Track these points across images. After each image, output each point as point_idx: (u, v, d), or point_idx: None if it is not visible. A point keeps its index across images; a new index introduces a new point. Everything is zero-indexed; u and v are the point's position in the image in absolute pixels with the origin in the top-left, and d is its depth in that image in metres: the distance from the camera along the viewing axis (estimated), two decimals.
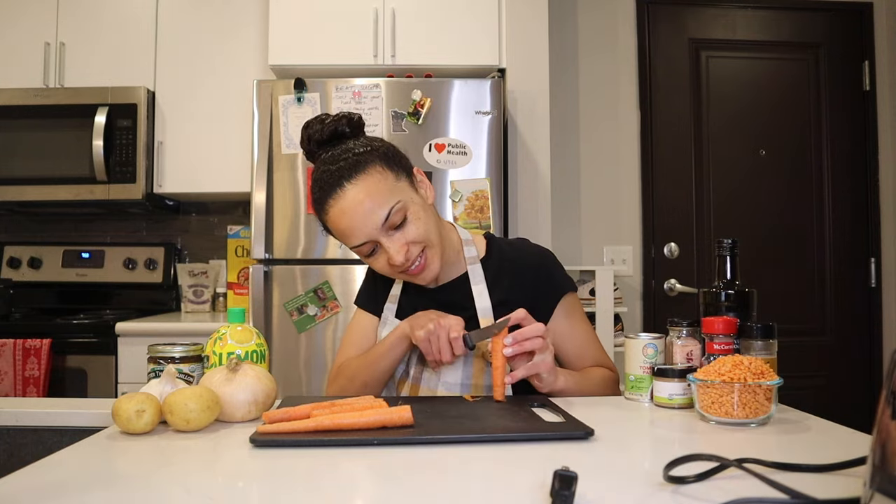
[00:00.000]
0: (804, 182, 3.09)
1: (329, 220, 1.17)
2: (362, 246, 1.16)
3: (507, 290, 1.27)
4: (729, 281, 1.17)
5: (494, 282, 1.28)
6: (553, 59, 2.72)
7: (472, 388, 1.23)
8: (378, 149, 1.19)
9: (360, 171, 1.14)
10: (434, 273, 1.20)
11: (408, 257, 1.16)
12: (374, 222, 1.13)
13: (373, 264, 1.20)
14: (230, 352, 1.09)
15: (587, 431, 0.89)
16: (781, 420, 1.02)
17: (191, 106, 2.76)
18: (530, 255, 1.33)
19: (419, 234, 1.16)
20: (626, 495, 0.69)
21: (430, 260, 1.19)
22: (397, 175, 1.18)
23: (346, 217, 1.14)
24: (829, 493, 0.65)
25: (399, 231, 1.15)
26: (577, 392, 1.19)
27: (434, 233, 1.19)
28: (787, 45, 3.12)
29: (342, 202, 1.13)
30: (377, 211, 1.13)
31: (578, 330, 1.31)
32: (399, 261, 1.14)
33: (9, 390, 2.33)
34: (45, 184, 2.68)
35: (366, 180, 1.14)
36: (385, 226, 1.14)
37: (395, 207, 1.14)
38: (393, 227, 1.15)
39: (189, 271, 2.95)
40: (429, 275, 1.20)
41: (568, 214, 3.02)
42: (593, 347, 1.32)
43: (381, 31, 2.56)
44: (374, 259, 1.18)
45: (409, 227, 1.16)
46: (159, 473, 0.77)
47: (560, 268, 1.34)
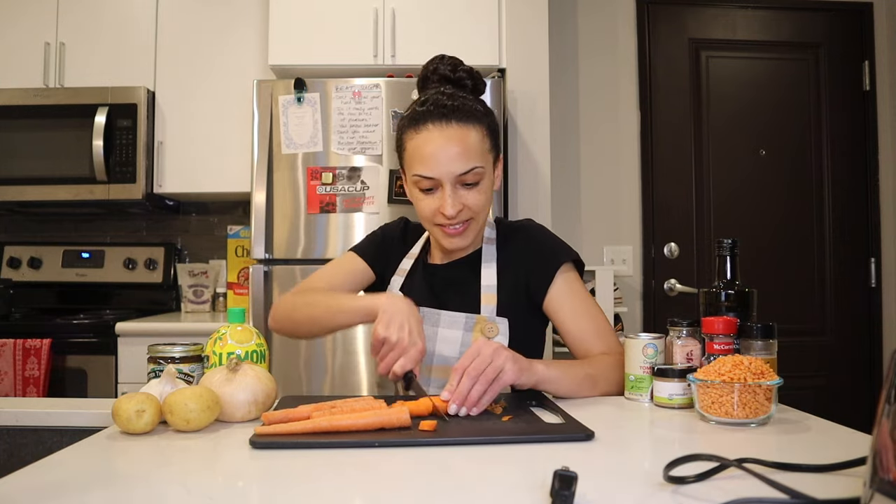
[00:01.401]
0: (804, 182, 3.09)
1: (416, 138, 1.22)
2: (428, 180, 1.21)
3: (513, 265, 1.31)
4: (729, 281, 1.17)
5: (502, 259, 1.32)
6: (553, 60, 2.72)
7: None
8: (490, 117, 1.28)
9: (470, 121, 1.22)
10: (466, 244, 1.27)
11: (457, 215, 1.21)
12: (454, 168, 1.19)
13: (421, 203, 1.25)
14: (230, 352, 1.09)
15: (587, 434, 0.89)
16: (781, 420, 1.02)
17: (191, 106, 2.76)
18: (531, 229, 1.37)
19: (477, 205, 1.23)
20: (626, 495, 0.69)
21: (469, 231, 1.26)
22: (491, 148, 1.26)
23: (434, 147, 1.20)
24: (829, 493, 0.65)
25: (465, 190, 1.22)
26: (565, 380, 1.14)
27: (484, 213, 1.27)
28: (787, 45, 3.12)
29: (440, 133, 1.20)
30: (463, 161, 1.20)
31: (578, 302, 1.28)
32: (450, 213, 1.20)
33: (9, 390, 2.33)
34: (45, 184, 2.68)
35: (470, 131, 1.21)
36: (459, 177, 1.20)
37: (477, 169, 1.21)
38: (463, 184, 1.21)
39: (189, 271, 2.95)
40: (461, 242, 1.26)
41: (568, 214, 3.02)
42: (593, 324, 1.28)
43: (381, 31, 2.56)
44: (427, 198, 1.23)
45: (474, 194, 1.22)
46: (159, 473, 0.77)
47: (559, 239, 1.35)
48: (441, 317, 1.28)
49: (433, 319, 1.28)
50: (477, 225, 1.27)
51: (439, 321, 1.28)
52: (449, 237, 1.25)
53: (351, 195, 2.35)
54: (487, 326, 1.26)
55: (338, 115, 2.36)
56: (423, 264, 1.37)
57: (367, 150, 2.36)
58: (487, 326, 1.26)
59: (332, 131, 2.36)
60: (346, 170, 2.36)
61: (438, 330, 1.27)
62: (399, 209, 2.34)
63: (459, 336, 1.25)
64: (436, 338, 1.26)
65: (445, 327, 1.27)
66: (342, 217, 2.35)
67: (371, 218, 2.35)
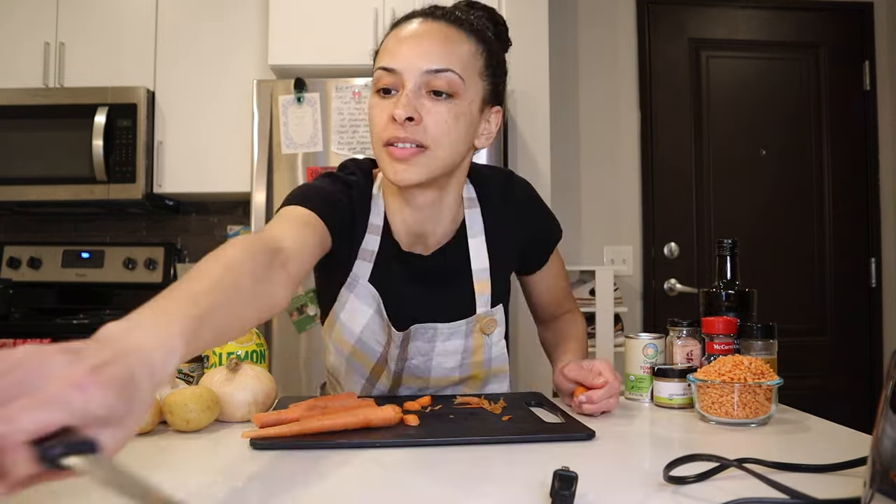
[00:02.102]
0: (804, 182, 3.09)
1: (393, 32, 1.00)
2: (388, 73, 0.96)
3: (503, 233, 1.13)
4: (729, 281, 1.17)
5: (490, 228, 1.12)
6: (553, 59, 2.72)
7: (470, 368, 1.14)
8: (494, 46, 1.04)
9: (462, 29, 1.00)
10: (412, 177, 0.97)
11: (407, 126, 0.95)
12: (422, 62, 0.95)
13: (374, 110, 0.99)
14: (230, 352, 1.09)
15: (588, 433, 0.89)
16: (781, 420, 1.02)
17: (191, 106, 2.76)
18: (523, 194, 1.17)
19: (437, 126, 0.96)
20: (626, 495, 0.69)
21: (419, 161, 0.96)
22: (482, 77, 1.01)
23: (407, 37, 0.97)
24: (829, 493, 0.65)
25: (430, 100, 0.96)
26: None
27: (447, 150, 0.98)
28: (787, 45, 3.12)
29: (420, 26, 0.98)
30: (436, 57, 0.95)
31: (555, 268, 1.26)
32: (401, 115, 0.93)
33: None
34: (45, 184, 2.68)
35: (457, 38, 0.98)
36: (425, 75, 0.95)
37: (451, 73, 0.96)
38: (428, 91, 0.96)
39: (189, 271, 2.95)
40: (406, 173, 0.96)
41: (568, 214, 3.02)
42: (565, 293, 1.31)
43: (382, 31, 2.55)
44: (382, 102, 0.98)
45: (440, 111, 0.96)
46: (159, 473, 0.77)
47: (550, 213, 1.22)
48: (437, 331, 1.10)
49: (428, 335, 1.10)
50: (433, 159, 0.97)
51: (436, 336, 1.11)
52: (393, 161, 0.96)
53: None
54: (486, 322, 1.12)
55: (338, 115, 2.37)
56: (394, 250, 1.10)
57: (367, 150, 2.36)
58: (486, 322, 1.12)
59: (332, 131, 2.36)
60: None
61: (436, 345, 1.11)
62: None
63: (461, 345, 1.12)
64: (432, 352, 1.11)
65: (443, 341, 1.11)
66: None
67: None
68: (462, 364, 1.14)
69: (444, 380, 1.16)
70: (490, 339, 1.14)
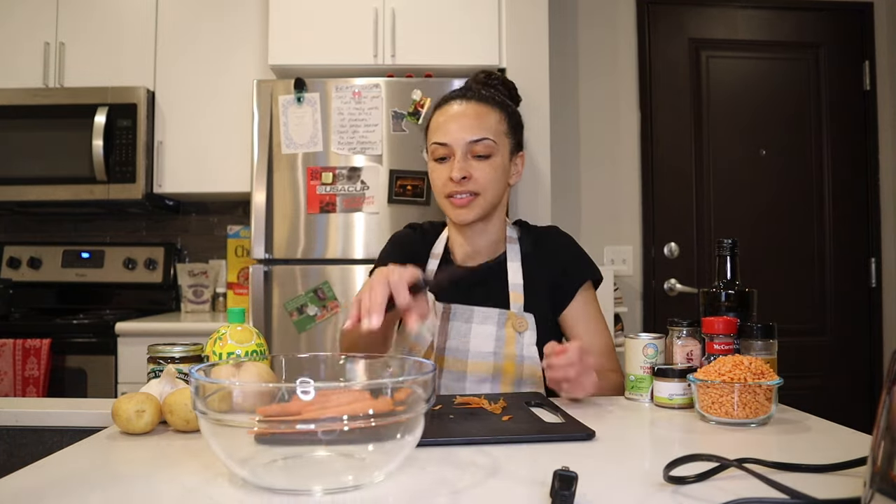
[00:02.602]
0: (804, 182, 3.09)
1: (439, 112, 1.34)
2: (442, 147, 1.30)
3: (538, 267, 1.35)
4: (729, 281, 1.17)
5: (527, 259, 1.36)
6: (553, 59, 2.72)
7: (503, 358, 1.27)
8: (512, 110, 1.37)
9: (489, 104, 1.32)
10: (471, 217, 1.30)
11: (464, 183, 1.27)
12: (465, 135, 1.28)
13: (434, 173, 1.32)
14: (230, 352, 1.09)
15: (588, 433, 0.89)
16: (781, 420, 1.02)
17: (191, 106, 2.76)
18: (559, 236, 1.43)
19: (483, 177, 1.29)
20: (626, 495, 0.69)
21: (475, 206, 1.30)
22: (508, 136, 1.34)
23: (451, 116, 1.31)
24: (829, 493, 0.65)
25: (475, 161, 1.29)
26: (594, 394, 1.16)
27: (492, 194, 1.31)
28: (787, 45, 3.12)
29: (460, 107, 1.31)
30: (475, 130, 1.29)
31: (593, 321, 1.36)
32: (457, 176, 1.26)
33: (9, 390, 2.33)
34: (45, 184, 2.68)
35: (487, 110, 1.32)
36: (469, 145, 1.28)
37: (488, 140, 1.29)
38: (473, 155, 1.29)
39: (189, 271, 2.95)
40: (466, 215, 1.30)
41: (568, 214, 3.02)
42: (602, 343, 1.35)
43: (381, 30, 2.56)
44: (440, 167, 1.31)
45: (483, 168, 1.29)
46: (159, 473, 0.77)
47: (584, 252, 1.43)
48: (474, 312, 1.31)
49: (466, 315, 1.31)
50: (484, 202, 1.30)
51: (472, 317, 1.31)
52: (455, 208, 1.29)
53: (351, 195, 2.35)
54: (518, 321, 1.29)
55: (338, 115, 2.36)
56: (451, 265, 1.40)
57: (367, 150, 2.36)
58: (518, 321, 1.29)
59: (332, 131, 2.36)
60: (345, 170, 2.36)
61: (472, 326, 1.30)
62: (399, 209, 2.34)
63: (493, 331, 1.29)
64: (469, 333, 1.30)
65: (478, 323, 1.30)
66: (342, 217, 2.35)
67: (371, 218, 2.35)
68: (496, 352, 1.28)
69: (481, 364, 1.27)
70: (521, 338, 1.28)
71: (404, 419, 0.70)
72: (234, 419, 0.69)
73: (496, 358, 1.28)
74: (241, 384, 0.78)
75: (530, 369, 1.28)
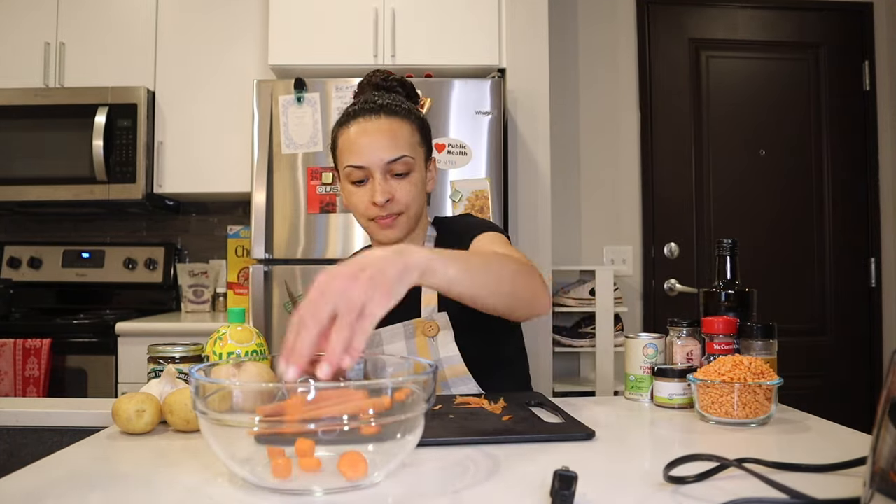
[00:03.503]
0: (804, 182, 3.09)
1: (348, 132, 1.25)
2: (359, 169, 1.23)
3: None
4: (729, 281, 1.17)
5: None
6: (553, 59, 2.72)
7: None
8: (419, 115, 1.31)
9: (398, 115, 1.25)
10: (398, 236, 1.26)
11: (387, 206, 1.23)
12: (383, 155, 1.22)
13: (353, 197, 1.26)
14: (230, 352, 1.09)
15: (588, 433, 0.89)
16: (781, 420, 1.02)
17: (191, 106, 2.76)
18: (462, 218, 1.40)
19: (406, 196, 1.24)
20: (626, 495, 0.69)
21: (400, 223, 1.26)
22: (420, 144, 1.28)
23: (366, 137, 1.23)
24: (829, 493, 0.65)
25: (395, 180, 1.24)
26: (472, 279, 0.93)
27: (414, 209, 1.27)
28: (787, 45, 3.12)
29: (371, 124, 1.24)
30: (392, 149, 1.22)
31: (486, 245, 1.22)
32: (379, 200, 1.21)
33: (9, 390, 2.33)
34: (45, 184, 2.68)
35: (399, 124, 1.25)
36: (388, 165, 1.23)
37: (405, 158, 1.23)
38: (392, 174, 1.23)
39: (189, 271, 2.95)
40: (393, 234, 1.26)
41: (568, 214, 3.02)
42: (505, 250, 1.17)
43: (381, 31, 2.56)
44: (359, 190, 1.25)
45: (404, 185, 1.24)
46: (159, 473, 0.77)
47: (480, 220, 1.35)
48: (381, 335, 1.25)
49: (375, 341, 1.26)
50: (407, 219, 1.26)
51: (381, 341, 1.26)
52: (381, 230, 1.26)
53: None
54: (427, 326, 1.24)
55: (338, 115, 2.36)
56: None
57: None
58: (427, 326, 1.24)
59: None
60: None
61: (383, 348, 1.25)
62: None
63: (404, 346, 1.24)
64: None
65: (387, 343, 1.25)
66: (342, 217, 2.35)
67: None
68: None
69: None
70: (435, 342, 1.24)
71: (404, 419, 0.70)
72: (234, 419, 0.69)
73: None
74: (241, 384, 0.78)
75: (452, 370, 1.23)
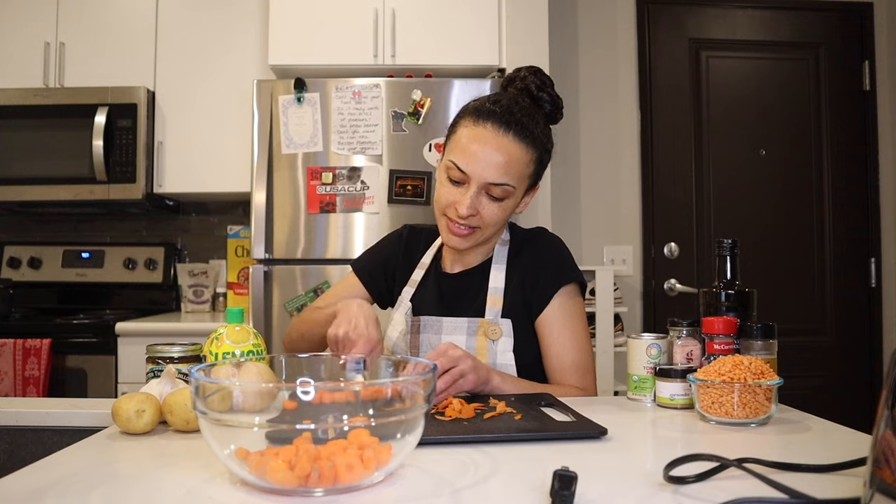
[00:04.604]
0: (804, 182, 3.09)
1: (470, 128, 1.22)
2: (459, 172, 1.21)
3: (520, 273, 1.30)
4: (729, 281, 1.17)
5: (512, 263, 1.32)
6: (553, 60, 2.72)
7: None
8: (545, 148, 1.27)
9: (524, 140, 1.21)
10: (465, 246, 1.26)
11: (468, 219, 1.22)
12: (488, 174, 1.20)
13: (442, 188, 1.25)
14: (226, 352, 1.09)
15: (600, 430, 0.89)
16: (781, 420, 1.02)
17: (191, 106, 2.76)
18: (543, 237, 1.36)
19: (490, 218, 1.23)
20: (627, 495, 0.69)
21: (472, 238, 1.25)
22: (530, 175, 1.26)
23: (480, 145, 1.20)
24: (829, 493, 0.65)
25: (487, 199, 1.22)
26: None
27: (493, 228, 1.26)
28: (787, 45, 3.12)
29: (493, 135, 1.20)
30: (500, 173, 1.20)
31: (568, 328, 1.27)
32: (463, 213, 1.20)
33: (9, 390, 2.33)
34: (45, 184, 2.68)
35: (520, 151, 1.21)
36: (488, 185, 1.20)
37: (508, 186, 1.21)
38: (488, 193, 1.21)
39: (189, 271, 2.95)
40: (460, 244, 1.25)
41: (568, 214, 3.02)
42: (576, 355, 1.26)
43: (381, 31, 2.56)
44: (450, 187, 1.23)
45: (493, 207, 1.22)
46: (159, 473, 0.77)
47: (568, 257, 1.33)
48: (443, 324, 1.28)
49: (435, 327, 1.28)
50: (482, 236, 1.26)
51: (441, 328, 1.28)
52: (450, 234, 1.25)
53: (351, 195, 2.35)
54: (490, 329, 1.25)
55: (338, 114, 2.36)
56: (435, 272, 1.36)
57: (367, 150, 2.36)
58: (490, 329, 1.25)
59: (332, 131, 2.36)
60: (345, 170, 2.36)
61: (441, 337, 1.27)
62: (398, 209, 2.34)
63: (463, 341, 1.25)
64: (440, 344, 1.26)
65: (448, 334, 1.27)
66: (342, 217, 2.35)
67: (371, 218, 2.35)
68: None
69: None
70: (495, 346, 1.24)
71: (404, 419, 0.70)
72: (234, 419, 0.69)
73: None
74: (241, 384, 0.78)
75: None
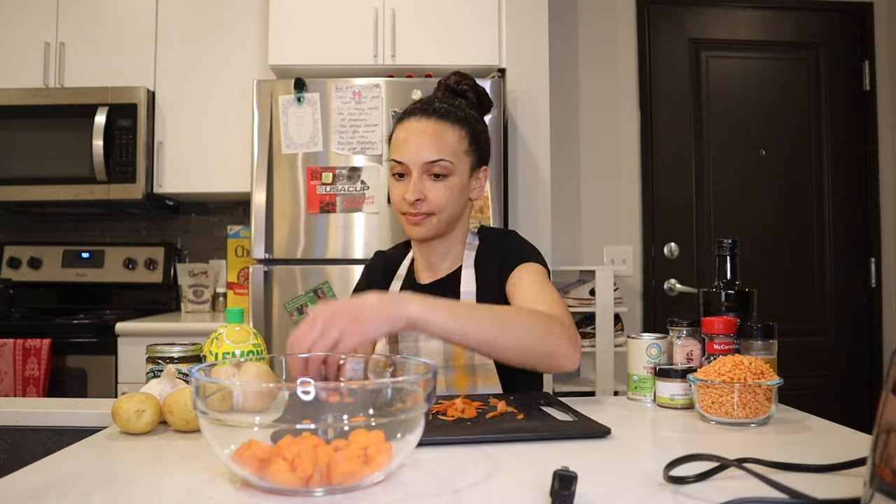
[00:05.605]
0: (804, 182, 3.09)
1: (398, 129, 1.31)
2: (399, 164, 1.27)
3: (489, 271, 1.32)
4: (729, 281, 1.17)
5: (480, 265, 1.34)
6: (553, 60, 2.72)
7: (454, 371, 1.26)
8: (475, 126, 1.32)
9: (449, 120, 1.28)
10: (424, 234, 1.29)
11: (417, 205, 1.26)
12: (421, 154, 1.25)
13: (392, 189, 1.31)
14: (226, 352, 1.09)
15: (604, 430, 0.89)
16: (781, 420, 1.02)
17: (191, 106, 2.76)
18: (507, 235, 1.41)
19: (438, 199, 1.26)
20: (627, 495, 0.69)
21: (428, 223, 1.28)
22: (468, 153, 1.30)
23: (410, 134, 1.28)
24: (829, 493, 0.65)
25: (431, 182, 1.26)
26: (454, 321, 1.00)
27: (448, 213, 1.29)
28: (787, 45, 3.12)
29: (419, 124, 1.28)
30: (432, 150, 1.25)
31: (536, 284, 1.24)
32: (410, 199, 1.25)
33: (9, 390, 2.33)
34: (45, 184, 2.68)
35: (446, 129, 1.27)
36: (426, 166, 1.25)
37: (444, 162, 1.26)
38: (429, 174, 1.26)
39: (189, 271, 2.95)
40: (419, 232, 1.29)
41: (568, 214, 3.02)
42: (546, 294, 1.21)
43: (381, 31, 2.56)
44: (398, 184, 1.29)
45: (439, 189, 1.26)
46: (159, 473, 0.77)
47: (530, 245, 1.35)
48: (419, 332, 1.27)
49: (412, 335, 1.29)
50: (438, 221, 1.28)
51: (419, 336, 1.28)
52: (410, 225, 1.29)
53: (351, 195, 2.35)
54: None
55: (338, 115, 2.36)
56: (410, 284, 1.39)
57: (367, 149, 2.36)
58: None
59: (332, 131, 2.36)
60: (346, 170, 2.36)
61: (419, 345, 1.29)
62: None
63: (439, 346, 1.26)
64: (419, 352, 1.29)
65: (424, 341, 1.28)
66: (342, 217, 2.35)
67: (371, 218, 2.35)
68: (446, 366, 1.27)
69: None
70: None
71: (404, 419, 0.70)
72: (234, 419, 0.70)
73: (447, 372, 1.26)
74: (242, 384, 0.78)
75: (484, 377, 1.26)
